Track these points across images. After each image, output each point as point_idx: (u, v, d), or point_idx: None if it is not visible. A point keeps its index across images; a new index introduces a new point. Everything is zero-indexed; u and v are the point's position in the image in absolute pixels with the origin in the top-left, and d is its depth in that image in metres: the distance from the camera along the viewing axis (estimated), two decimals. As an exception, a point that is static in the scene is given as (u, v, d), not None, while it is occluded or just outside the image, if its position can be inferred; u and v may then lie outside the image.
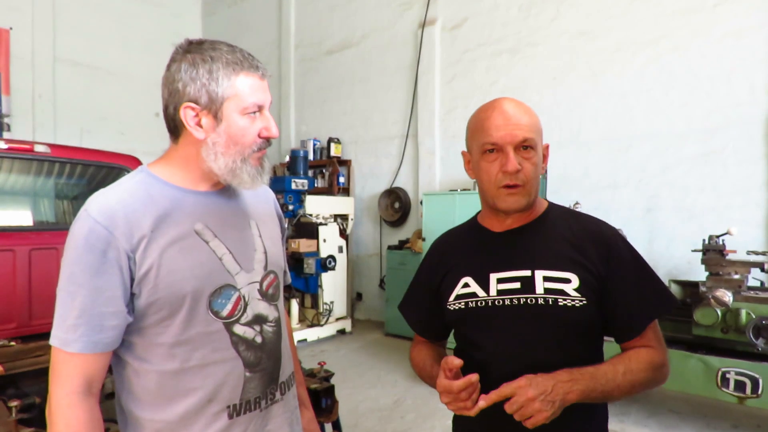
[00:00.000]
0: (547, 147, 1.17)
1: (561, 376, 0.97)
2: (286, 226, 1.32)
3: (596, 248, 1.11)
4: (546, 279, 1.09)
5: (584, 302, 1.06)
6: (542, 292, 1.08)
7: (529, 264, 1.11)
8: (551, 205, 1.23)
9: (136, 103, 7.97)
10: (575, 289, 1.07)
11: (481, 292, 1.14)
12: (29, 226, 3.62)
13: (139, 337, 0.99)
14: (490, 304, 1.12)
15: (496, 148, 1.09)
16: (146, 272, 0.95)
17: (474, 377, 0.99)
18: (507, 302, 1.10)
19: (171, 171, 1.04)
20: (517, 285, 1.10)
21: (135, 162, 3.85)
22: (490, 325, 1.12)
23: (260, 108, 1.02)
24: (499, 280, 1.13)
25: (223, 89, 0.97)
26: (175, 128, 1.02)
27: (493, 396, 0.96)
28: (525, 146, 1.09)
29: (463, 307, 1.15)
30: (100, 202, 0.96)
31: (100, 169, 3.81)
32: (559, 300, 1.07)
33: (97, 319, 0.92)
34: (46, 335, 0.96)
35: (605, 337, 1.18)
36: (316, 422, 1.39)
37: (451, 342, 1.30)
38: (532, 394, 0.93)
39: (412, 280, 1.36)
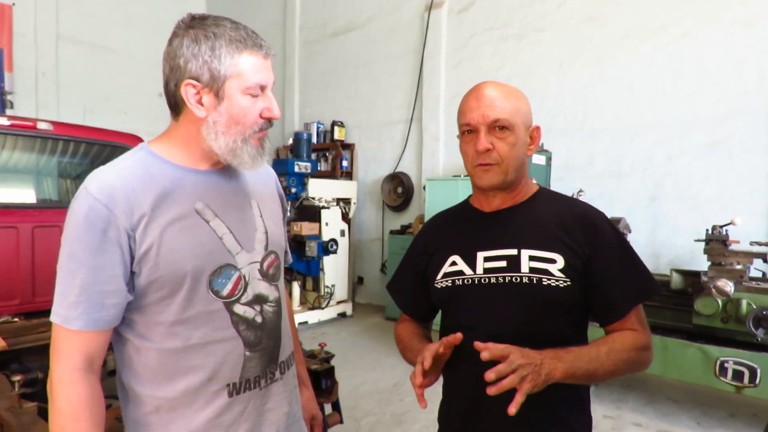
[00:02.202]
0: (536, 129, 1.18)
1: (547, 353, 0.97)
2: (287, 206, 1.32)
3: (582, 230, 1.12)
4: (532, 258, 1.10)
5: (568, 283, 1.07)
6: (527, 271, 1.09)
7: (516, 243, 1.13)
8: (541, 189, 1.25)
9: (139, 83, 7.93)
10: (560, 270, 1.08)
11: (468, 270, 1.15)
12: (32, 204, 3.63)
13: (140, 315, 0.99)
14: (476, 281, 1.13)
15: (472, 129, 1.12)
16: (146, 251, 0.95)
17: (456, 337, 1.02)
18: (493, 280, 1.12)
19: (171, 149, 1.03)
20: (503, 263, 1.12)
21: (137, 141, 3.85)
22: (475, 303, 1.13)
23: (263, 88, 1.00)
24: (486, 258, 1.14)
25: (225, 67, 0.95)
26: (176, 105, 1.01)
27: (483, 352, 0.93)
28: (499, 126, 1.10)
29: (450, 284, 1.17)
30: (100, 180, 0.95)
31: (103, 148, 3.81)
32: (544, 279, 1.08)
33: (97, 297, 0.92)
34: (49, 312, 0.96)
35: (590, 322, 1.18)
36: (315, 401, 1.40)
37: (436, 324, 1.30)
38: (523, 361, 0.92)
39: (401, 260, 1.37)
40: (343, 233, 6.18)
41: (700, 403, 3.66)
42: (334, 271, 6.12)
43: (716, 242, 3.30)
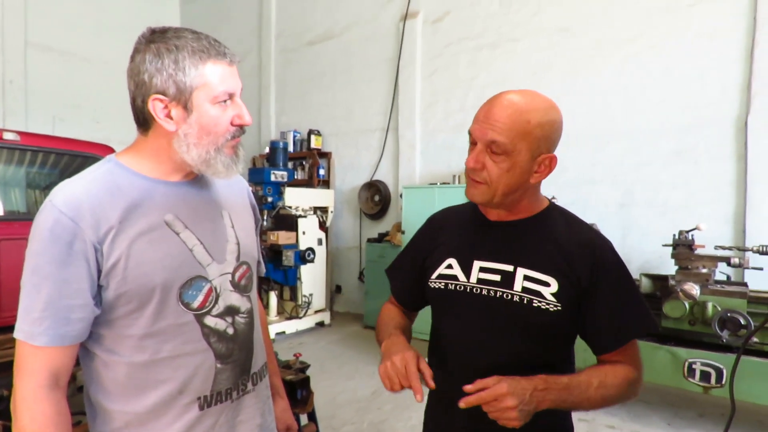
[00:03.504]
0: (549, 159, 1.08)
1: (538, 383, 0.96)
2: (260, 216, 1.32)
3: (583, 259, 1.09)
4: (526, 278, 1.08)
5: (558, 308, 1.06)
6: (519, 290, 1.08)
7: (514, 260, 1.11)
8: (551, 205, 1.19)
9: (112, 91, 7.78)
10: (552, 294, 1.06)
11: (462, 276, 1.15)
12: (-1, 216, 3.53)
13: (108, 329, 0.98)
14: (467, 290, 1.13)
15: (473, 140, 1.09)
16: (114, 264, 0.93)
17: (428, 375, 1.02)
18: (484, 292, 1.11)
19: (140, 161, 1.02)
20: (497, 277, 1.11)
21: (108, 151, 3.79)
22: (461, 311, 1.14)
23: (231, 96, 1.00)
24: (482, 269, 1.14)
25: (191, 79, 0.95)
26: (144, 120, 1.00)
27: (472, 399, 0.94)
28: (495, 150, 1.05)
29: (442, 287, 1.17)
30: (66, 193, 0.93)
31: (73, 159, 3.74)
32: (534, 301, 1.06)
33: (63, 312, 0.91)
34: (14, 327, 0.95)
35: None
36: (290, 411, 1.39)
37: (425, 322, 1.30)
38: (512, 403, 0.91)
39: (407, 244, 1.37)
40: (320, 242, 6.16)
41: (671, 404, 3.75)
42: (312, 280, 6.08)
43: (683, 247, 3.40)
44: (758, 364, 2.98)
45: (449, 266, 1.18)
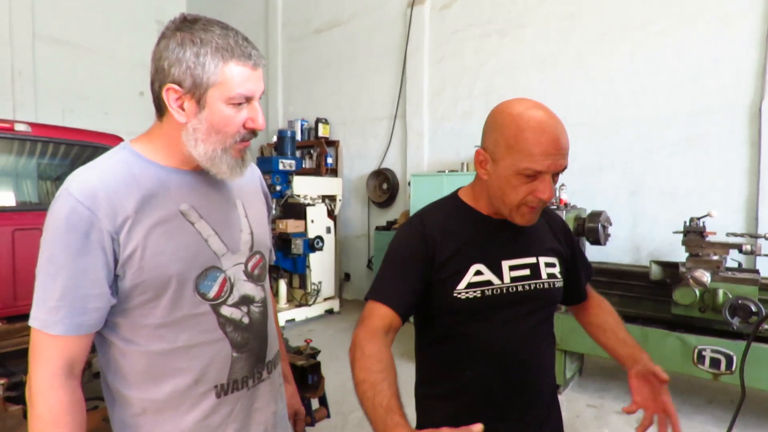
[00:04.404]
0: None
1: (646, 360, 1.20)
2: (272, 204, 1.32)
3: (564, 235, 1.32)
4: (546, 265, 1.21)
5: (562, 282, 1.25)
6: (546, 277, 1.20)
7: (533, 251, 1.21)
8: None
9: (120, 83, 7.82)
10: (559, 272, 1.24)
11: (496, 280, 1.15)
12: (12, 207, 3.58)
13: (124, 318, 0.98)
14: (505, 291, 1.16)
15: (538, 174, 1.05)
16: (131, 254, 0.93)
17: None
18: (519, 288, 1.17)
19: (154, 149, 1.01)
20: (527, 272, 1.19)
21: (118, 141, 3.81)
22: (504, 312, 1.16)
23: (249, 99, 0.97)
24: (511, 267, 1.18)
25: (208, 75, 0.92)
26: (159, 106, 0.99)
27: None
28: (556, 173, 1.08)
29: (479, 295, 1.13)
30: (81, 181, 0.93)
31: (83, 149, 3.77)
32: (556, 282, 1.22)
33: (79, 302, 0.91)
34: (31, 315, 0.95)
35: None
36: (297, 396, 1.41)
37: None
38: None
39: (395, 249, 1.21)
40: (329, 230, 6.19)
41: (680, 391, 3.75)
42: (321, 267, 6.12)
43: (694, 234, 3.37)
44: (768, 351, 2.96)
45: (478, 272, 1.15)
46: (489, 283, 1.15)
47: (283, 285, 5.86)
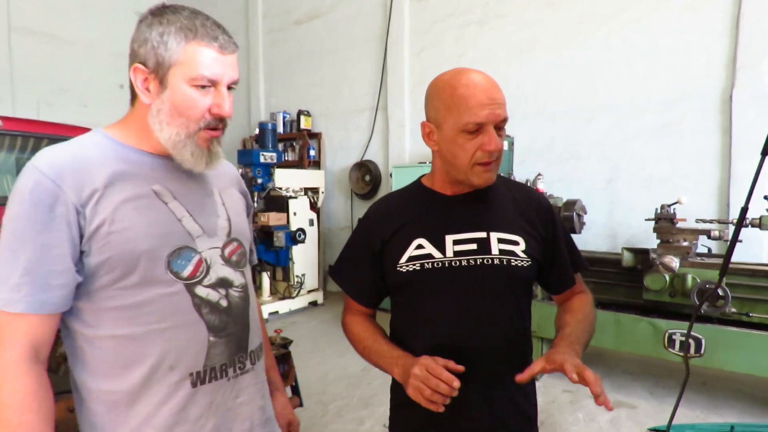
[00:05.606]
0: None
1: (567, 350, 1.03)
2: (252, 203, 1.31)
3: (539, 215, 1.23)
4: (500, 240, 1.16)
5: (529, 262, 1.17)
6: (497, 253, 1.15)
7: (485, 226, 1.17)
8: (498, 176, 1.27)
9: (99, 75, 7.69)
10: (522, 251, 1.16)
11: (437, 254, 1.15)
12: (-14, 202, 3.55)
13: (89, 302, 0.94)
14: (446, 265, 1.14)
15: (480, 127, 1.07)
16: (97, 228, 0.90)
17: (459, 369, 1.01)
18: (463, 263, 1.14)
19: (127, 134, 1.00)
20: (473, 246, 1.15)
21: (94, 135, 3.79)
22: (445, 287, 1.14)
23: (214, 83, 0.96)
24: (456, 242, 1.16)
25: (170, 54, 0.93)
26: (132, 90, 0.99)
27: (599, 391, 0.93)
28: (499, 127, 1.10)
29: (417, 268, 1.15)
30: (48, 156, 0.91)
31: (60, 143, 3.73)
32: (512, 261, 1.15)
33: (43, 278, 0.87)
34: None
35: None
36: (290, 407, 1.34)
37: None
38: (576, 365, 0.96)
39: (347, 246, 1.32)
40: (311, 222, 6.20)
41: (653, 375, 3.85)
42: (304, 260, 6.14)
43: (664, 221, 3.44)
44: (736, 334, 3.05)
45: (419, 246, 1.16)
46: (429, 256, 1.15)
47: (266, 278, 5.87)
